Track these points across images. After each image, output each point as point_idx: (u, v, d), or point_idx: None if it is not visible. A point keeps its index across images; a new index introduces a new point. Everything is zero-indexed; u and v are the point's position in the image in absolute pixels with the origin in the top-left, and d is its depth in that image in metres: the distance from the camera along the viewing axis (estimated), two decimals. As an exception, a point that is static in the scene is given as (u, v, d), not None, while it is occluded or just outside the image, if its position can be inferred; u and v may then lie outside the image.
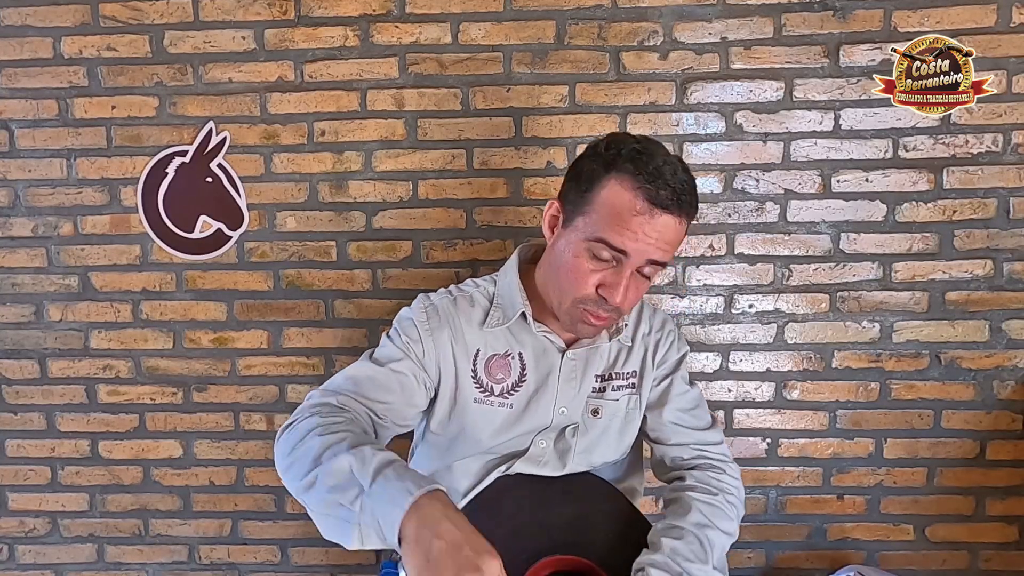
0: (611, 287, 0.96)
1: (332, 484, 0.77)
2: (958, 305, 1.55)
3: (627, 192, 0.93)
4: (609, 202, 0.94)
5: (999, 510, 1.59)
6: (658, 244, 0.94)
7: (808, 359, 1.58)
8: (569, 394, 1.09)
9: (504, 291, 1.10)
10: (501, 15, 1.52)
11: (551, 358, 1.09)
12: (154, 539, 1.69)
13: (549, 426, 1.10)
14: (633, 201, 0.92)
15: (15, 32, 1.56)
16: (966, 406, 1.57)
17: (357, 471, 0.76)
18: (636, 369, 1.13)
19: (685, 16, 1.51)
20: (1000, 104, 1.49)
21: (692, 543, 0.97)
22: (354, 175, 1.57)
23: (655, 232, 0.93)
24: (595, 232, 0.95)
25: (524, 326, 1.08)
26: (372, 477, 0.74)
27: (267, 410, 1.65)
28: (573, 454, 1.11)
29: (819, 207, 1.54)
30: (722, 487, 1.07)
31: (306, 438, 0.84)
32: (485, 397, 1.08)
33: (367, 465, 0.76)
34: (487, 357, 1.08)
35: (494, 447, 1.10)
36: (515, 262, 1.12)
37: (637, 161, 0.93)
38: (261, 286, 1.61)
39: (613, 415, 1.12)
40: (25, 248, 1.62)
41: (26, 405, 1.66)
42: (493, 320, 1.08)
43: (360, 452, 0.78)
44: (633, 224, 0.92)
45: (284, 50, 1.55)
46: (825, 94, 1.51)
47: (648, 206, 0.92)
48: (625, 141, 0.97)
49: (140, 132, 1.58)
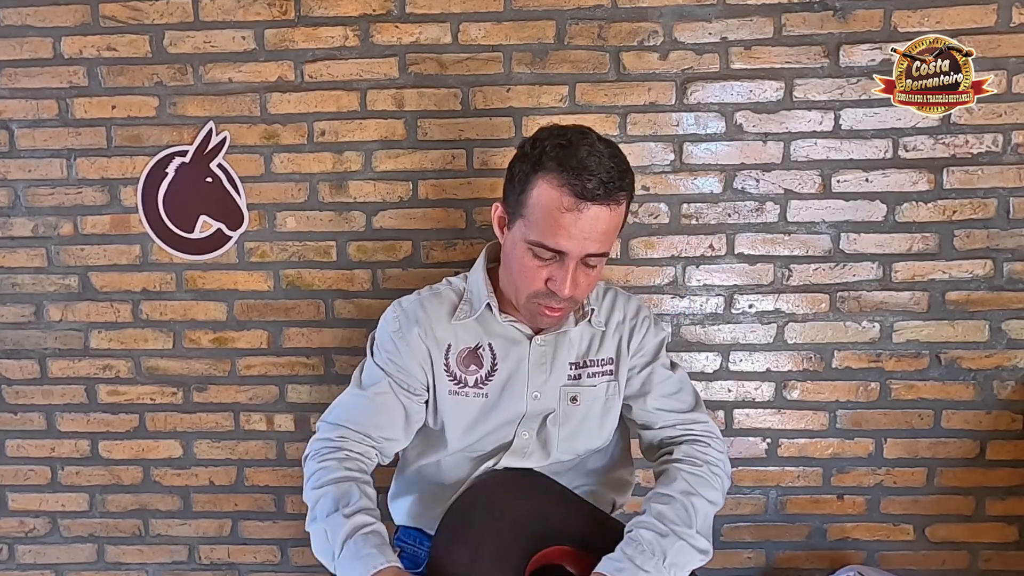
0: (558, 281, 0.99)
1: (317, 546, 0.98)
2: (958, 305, 1.55)
3: (554, 190, 0.95)
4: (540, 203, 0.97)
5: (999, 510, 1.59)
6: (592, 237, 0.96)
7: (808, 359, 1.58)
8: (540, 379, 1.12)
9: (472, 286, 1.15)
10: (501, 15, 1.52)
11: (520, 346, 1.12)
12: (154, 539, 1.69)
13: (525, 413, 1.12)
14: (560, 198, 0.95)
15: (15, 32, 1.56)
16: (966, 406, 1.57)
17: (331, 538, 0.95)
18: (612, 356, 1.16)
19: (685, 16, 1.51)
20: (1000, 104, 1.49)
21: (678, 509, 1.00)
22: (354, 175, 1.57)
23: (587, 226, 0.95)
24: (531, 235, 0.98)
25: (492, 318, 1.12)
26: (340, 547, 0.93)
27: (267, 410, 1.65)
28: (556, 442, 1.14)
29: (819, 207, 1.54)
30: (707, 459, 1.09)
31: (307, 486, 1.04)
32: (460, 389, 1.12)
33: (337, 534, 0.94)
34: (458, 350, 1.12)
35: (478, 441, 1.13)
36: (483, 259, 1.16)
37: (560, 156, 0.95)
38: (261, 286, 1.61)
39: (592, 401, 1.15)
40: (25, 248, 1.62)
41: (26, 405, 1.66)
42: (461, 313, 1.12)
43: (333, 520, 0.96)
44: (564, 221, 0.95)
45: (284, 50, 1.55)
46: (825, 94, 1.51)
47: (575, 201, 0.94)
48: (550, 137, 0.99)
49: (140, 132, 1.58)
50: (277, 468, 1.66)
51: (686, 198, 1.55)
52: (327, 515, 0.97)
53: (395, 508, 1.25)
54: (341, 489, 1.00)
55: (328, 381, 1.63)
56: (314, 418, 1.64)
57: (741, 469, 1.61)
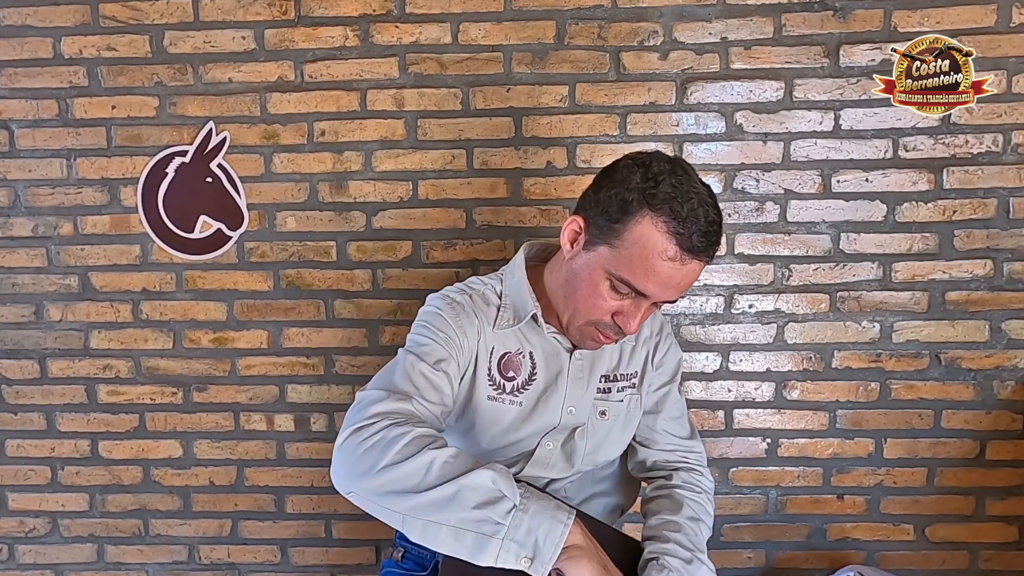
0: (628, 317, 0.96)
1: (479, 500, 0.78)
2: (958, 305, 1.55)
3: (660, 235, 0.90)
4: (641, 243, 0.91)
5: (999, 510, 1.59)
6: (679, 287, 0.94)
7: (808, 359, 1.58)
8: (577, 394, 1.10)
9: (512, 291, 1.09)
10: (501, 15, 1.52)
11: (560, 358, 1.09)
12: (154, 539, 1.69)
13: (557, 426, 1.10)
14: (666, 246, 0.90)
15: (15, 32, 1.56)
16: (966, 406, 1.57)
17: (504, 487, 0.79)
18: (638, 370, 1.15)
19: (685, 16, 1.51)
20: (1000, 104, 1.49)
21: (691, 534, 1.03)
22: (354, 175, 1.57)
23: (679, 277, 0.92)
24: (619, 270, 0.93)
25: (534, 327, 1.08)
26: (520, 494, 0.79)
27: (267, 410, 1.65)
28: (582, 455, 1.12)
29: (819, 207, 1.54)
30: (704, 488, 1.13)
31: (406, 448, 0.81)
32: (498, 395, 1.07)
33: (510, 481, 0.80)
34: (500, 355, 1.07)
35: (503, 448, 1.10)
36: (522, 261, 1.10)
37: (674, 200, 0.90)
38: (261, 286, 1.61)
39: (617, 415, 1.13)
40: (25, 248, 1.62)
41: (26, 405, 1.66)
42: (503, 321, 1.07)
43: (494, 467, 0.80)
44: (660, 269, 0.91)
45: (284, 50, 1.55)
46: (825, 94, 1.51)
47: (680, 252, 0.90)
48: (662, 172, 0.92)
49: (140, 132, 1.58)
50: (277, 468, 1.66)
51: (686, 198, 1.55)
52: (481, 465, 0.81)
53: None
54: (455, 452, 0.83)
55: (328, 381, 1.63)
56: (314, 418, 1.64)
57: (741, 469, 1.62)
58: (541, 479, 1.12)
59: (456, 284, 1.12)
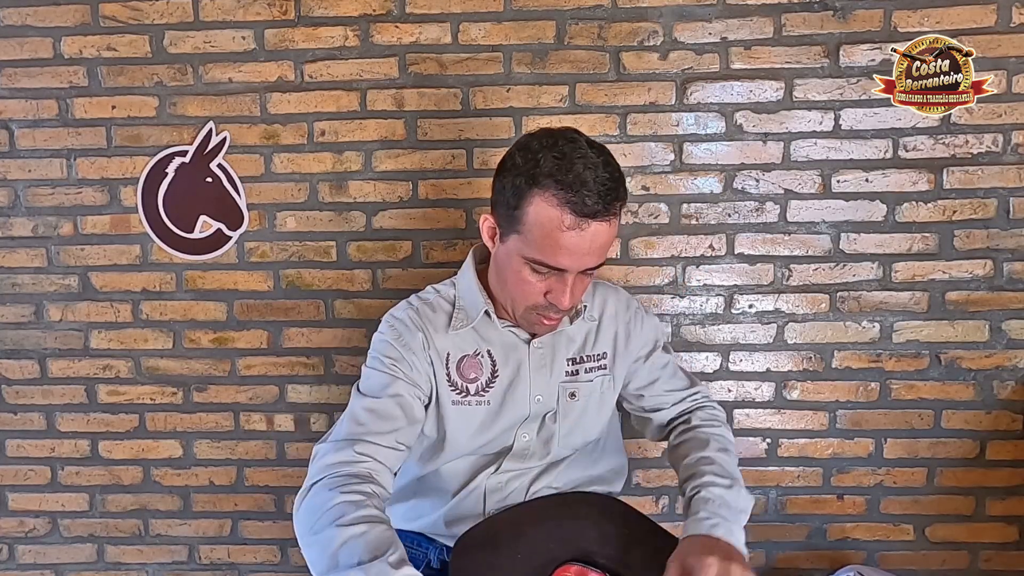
0: (558, 294, 0.99)
1: None
2: (958, 305, 1.55)
3: (553, 209, 0.92)
4: (539, 222, 0.94)
5: (999, 510, 1.59)
6: (592, 252, 0.96)
7: (808, 359, 1.58)
8: (542, 382, 1.13)
9: (464, 292, 1.13)
10: (501, 15, 1.52)
11: (519, 351, 1.12)
12: (154, 539, 1.69)
13: (528, 416, 1.13)
14: (562, 217, 0.92)
15: (15, 32, 1.56)
16: (966, 406, 1.57)
17: None
18: (607, 351, 1.17)
19: (685, 16, 1.51)
20: (1000, 104, 1.49)
21: (725, 464, 1.08)
22: (354, 175, 1.57)
23: (588, 243, 0.94)
24: (531, 253, 0.96)
25: (489, 324, 1.11)
26: None
27: (267, 410, 1.65)
28: (557, 438, 1.15)
29: (819, 207, 1.54)
30: (721, 420, 1.19)
31: (322, 521, 0.86)
32: (462, 398, 1.11)
33: None
34: (458, 359, 1.11)
35: (480, 447, 1.13)
36: (471, 263, 1.14)
37: (557, 172, 0.92)
38: (261, 286, 1.61)
39: (589, 395, 1.16)
40: (25, 248, 1.62)
41: (26, 405, 1.66)
42: (458, 322, 1.10)
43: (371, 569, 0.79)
44: (564, 240, 0.93)
45: (284, 50, 1.55)
46: (825, 94, 1.51)
47: (576, 220, 0.92)
48: (542, 148, 0.95)
49: (140, 132, 1.58)
50: (277, 468, 1.66)
51: (686, 198, 1.55)
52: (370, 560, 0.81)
53: (393, 512, 1.24)
54: (374, 528, 0.85)
55: (328, 381, 1.63)
56: (314, 418, 1.64)
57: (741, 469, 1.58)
58: (527, 471, 1.15)
59: (407, 298, 1.16)
